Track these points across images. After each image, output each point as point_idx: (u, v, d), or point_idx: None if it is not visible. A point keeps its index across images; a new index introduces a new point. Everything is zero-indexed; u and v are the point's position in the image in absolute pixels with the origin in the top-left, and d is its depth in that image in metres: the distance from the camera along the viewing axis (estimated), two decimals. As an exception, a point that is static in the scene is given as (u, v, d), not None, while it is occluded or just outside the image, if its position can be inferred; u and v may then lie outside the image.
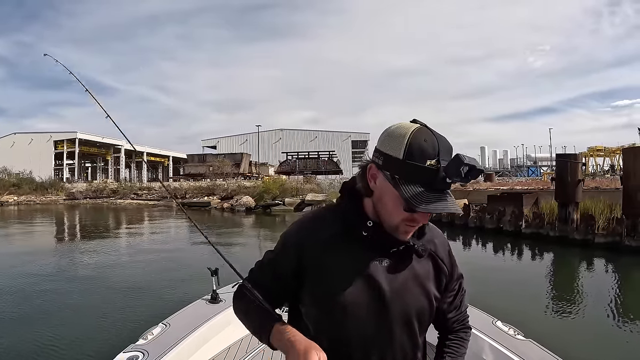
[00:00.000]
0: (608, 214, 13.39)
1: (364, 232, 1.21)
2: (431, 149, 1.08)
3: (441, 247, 1.35)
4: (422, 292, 1.27)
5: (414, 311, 1.25)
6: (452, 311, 1.41)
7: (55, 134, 73.34)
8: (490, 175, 52.55)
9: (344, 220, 1.26)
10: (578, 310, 7.07)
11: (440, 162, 1.07)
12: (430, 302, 1.29)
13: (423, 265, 1.29)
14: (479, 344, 2.63)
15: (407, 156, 1.09)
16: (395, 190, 1.11)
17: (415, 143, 1.09)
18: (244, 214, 29.20)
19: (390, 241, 1.22)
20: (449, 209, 1.09)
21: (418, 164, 1.08)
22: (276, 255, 1.32)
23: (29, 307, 7.12)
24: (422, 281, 1.27)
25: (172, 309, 3.40)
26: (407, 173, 1.09)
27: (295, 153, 67.92)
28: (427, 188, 1.08)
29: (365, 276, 1.21)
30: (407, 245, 1.23)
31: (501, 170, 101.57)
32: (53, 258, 12.57)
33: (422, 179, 1.08)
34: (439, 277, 1.32)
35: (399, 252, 1.24)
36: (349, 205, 1.27)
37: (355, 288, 1.20)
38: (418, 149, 1.08)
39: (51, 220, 27.13)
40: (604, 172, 68.88)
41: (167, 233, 18.78)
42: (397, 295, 1.23)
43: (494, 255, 12.68)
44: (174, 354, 2.56)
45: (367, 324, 1.22)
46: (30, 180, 53.99)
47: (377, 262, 1.22)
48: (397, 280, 1.23)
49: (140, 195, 46.01)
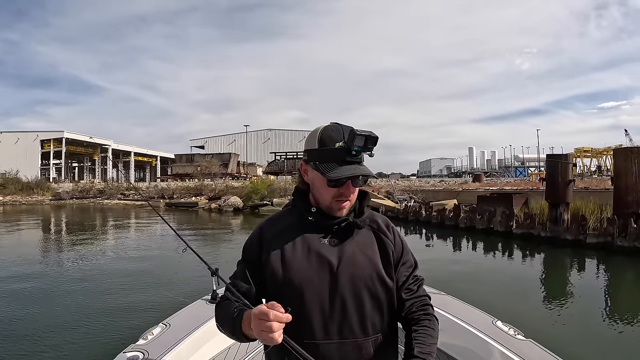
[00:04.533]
0: (598, 214, 13.42)
1: (310, 218, 1.46)
2: (337, 134, 1.38)
3: (383, 224, 1.56)
4: (367, 261, 1.45)
5: (361, 279, 1.42)
6: (408, 294, 1.52)
7: (42, 133, 72.79)
8: (479, 175, 52.86)
9: (295, 213, 1.52)
10: (576, 310, 7.10)
11: (345, 143, 1.35)
12: (379, 272, 1.45)
13: (365, 238, 1.49)
14: (479, 344, 2.63)
15: (320, 144, 1.40)
16: (318, 173, 1.39)
17: (325, 134, 1.40)
18: (232, 215, 28.94)
19: (333, 222, 1.45)
20: (357, 172, 1.36)
21: (329, 147, 1.38)
22: (245, 253, 1.54)
23: (28, 307, 7.02)
24: (367, 252, 1.46)
25: (172, 309, 3.39)
26: (322, 156, 1.39)
27: (284, 153, 67.83)
28: (339, 162, 1.37)
29: (315, 253, 1.42)
30: (347, 222, 1.46)
31: (489, 171, 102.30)
32: (50, 259, 12.39)
33: (335, 157, 1.37)
34: (384, 251, 1.49)
35: (341, 229, 1.46)
36: (298, 200, 1.53)
37: (308, 265, 1.41)
38: (327, 137, 1.39)
39: (41, 221, 26.55)
40: (591, 173, 69.67)
41: (164, 233, 18.51)
42: (345, 265, 1.41)
43: (486, 256, 12.55)
44: (174, 354, 2.55)
45: (322, 296, 1.39)
46: (16, 180, 53.01)
47: (325, 240, 1.45)
48: (344, 253, 1.43)
49: (128, 196, 45.48)
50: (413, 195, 27.12)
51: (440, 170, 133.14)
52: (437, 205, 20.24)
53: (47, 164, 73.51)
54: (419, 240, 15.70)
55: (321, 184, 1.42)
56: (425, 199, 25.60)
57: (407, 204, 23.49)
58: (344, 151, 1.35)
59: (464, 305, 3.21)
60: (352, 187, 1.41)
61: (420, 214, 19.60)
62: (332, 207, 1.44)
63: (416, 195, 27.05)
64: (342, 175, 1.35)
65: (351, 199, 1.45)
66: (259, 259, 1.47)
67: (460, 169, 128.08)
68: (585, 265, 10.63)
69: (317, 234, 1.46)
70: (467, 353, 2.67)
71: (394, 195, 27.16)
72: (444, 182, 45.85)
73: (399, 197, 26.32)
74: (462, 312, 3.04)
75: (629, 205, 11.83)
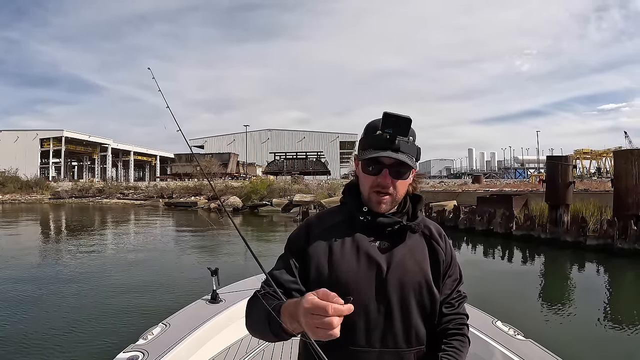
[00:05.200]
0: (598, 216, 13.39)
1: (361, 217, 1.39)
2: (378, 124, 1.33)
3: (435, 231, 1.49)
4: (418, 269, 1.38)
5: (410, 286, 1.35)
6: (449, 309, 1.45)
7: (42, 132, 72.62)
8: (479, 177, 52.79)
9: (345, 211, 1.45)
10: (576, 311, 7.11)
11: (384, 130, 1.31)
12: (427, 281, 1.38)
13: (417, 244, 1.42)
14: (479, 344, 2.58)
15: (364, 134, 1.40)
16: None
17: (371, 123, 1.38)
18: (231, 215, 28.84)
19: (386, 223, 1.39)
20: (386, 155, 1.31)
21: (369, 135, 1.36)
22: (289, 245, 1.46)
23: (28, 307, 7.03)
24: (418, 259, 1.39)
25: (172, 309, 3.37)
26: (363, 145, 1.38)
27: (283, 153, 67.79)
28: (376, 149, 1.33)
29: (365, 255, 1.35)
30: (401, 225, 1.39)
31: (488, 172, 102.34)
32: (49, 258, 12.39)
33: (372, 144, 1.34)
34: (435, 259, 1.42)
35: (394, 232, 1.39)
36: (349, 198, 1.46)
37: (356, 266, 1.34)
38: (370, 128, 1.37)
39: (40, 220, 26.62)
40: (590, 175, 69.69)
41: (164, 233, 18.50)
42: (395, 269, 1.34)
43: (486, 257, 12.56)
44: (174, 354, 2.54)
45: (368, 301, 1.32)
46: (16, 178, 52.80)
47: (376, 243, 1.38)
48: (393, 258, 1.36)
49: (127, 195, 45.43)
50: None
51: (439, 171, 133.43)
52: (436, 206, 20.19)
53: (46, 162, 73.40)
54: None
55: (361, 173, 1.40)
56: (425, 199, 25.45)
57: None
58: (380, 137, 1.31)
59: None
60: (389, 177, 1.34)
61: (419, 214, 19.52)
62: (371, 199, 1.38)
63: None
64: (368, 156, 1.32)
65: (392, 193, 1.37)
66: (304, 253, 1.39)
67: (460, 170, 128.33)
68: (585, 267, 10.61)
69: (369, 236, 1.39)
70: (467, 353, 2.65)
71: (423, 196, 27.07)
72: (443, 183, 45.75)
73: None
74: None
75: (629, 207, 11.82)
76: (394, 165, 1.34)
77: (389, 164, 1.34)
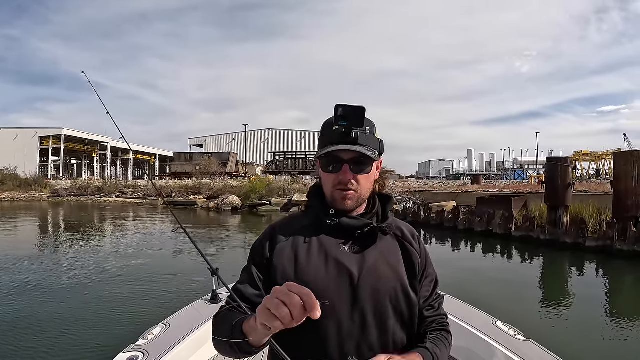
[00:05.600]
0: (598, 218, 13.40)
1: (328, 221, 1.31)
2: (332, 120, 1.26)
3: (408, 232, 1.42)
4: (392, 272, 1.31)
5: (385, 291, 1.28)
6: (430, 312, 1.40)
7: (41, 130, 72.67)
8: (478, 177, 52.84)
9: (311, 214, 1.39)
10: (575, 312, 7.14)
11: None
12: (403, 285, 1.31)
13: (390, 247, 1.35)
14: (479, 344, 2.62)
15: (320, 133, 1.34)
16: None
17: (324, 123, 1.32)
18: (230, 214, 28.89)
19: (355, 226, 1.31)
20: (348, 148, 1.25)
21: (325, 132, 1.31)
22: (253, 255, 1.39)
23: (27, 307, 7.00)
24: (391, 262, 1.32)
25: (172, 309, 3.36)
26: (321, 144, 1.32)
27: (283, 153, 67.92)
28: (332, 143, 1.26)
29: (334, 261, 1.28)
30: (371, 227, 1.31)
31: (488, 173, 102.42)
32: (49, 257, 12.32)
33: (330, 140, 1.27)
34: (410, 261, 1.36)
35: (364, 235, 1.32)
36: (314, 201, 1.40)
37: (325, 273, 1.26)
38: (325, 125, 1.31)
39: (39, 218, 26.58)
40: (590, 177, 69.75)
41: (163, 233, 18.48)
42: (367, 275, 1.26)
43: (486, 257, 12.53)
44: (174, 354, 2.55)
45: (340, 310, 1.23)
46: (15, 176, 52.85)
47: (346, 247, 1.31)
48: (365, 262, 1.28)
49: (126, 194, 45.40)
50: (412, 197, 27.09)
51: (439, 172, 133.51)
52: (436, 207, 20.19)
53: (45, 160, 73.43)
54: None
55: (322, 173, 1.33)
56: (424, 200, 25.54)
57: (406, 205, 23.48)
58: (335, 132, 1.25)
59: (464, 305, 3.19)
60: (351, 173, 1.28)
61: (419, 215, 19.54)
62: (334, 197, 1.31)
63: (415, 197, 27.02)
64: (325, 151, 1.26)
65: (355, 188, 1.30)
66: (269, 263, 1.32)
67: (459, 171, 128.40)
68: (584, 268, 10.60)
69: (336, 239, 1.31)
70: (467, 353, 2.65)
71: (392, 196, 27.07)
72: (442, 184, 45.76)
73: (397, 198, 26.25)
74: (462, 312, 3.02)
75: (629, 209, 11.80)
76: (354, 159, 1.28)
77: (348, 159, 1.28)
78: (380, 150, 1.34)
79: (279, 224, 1.42)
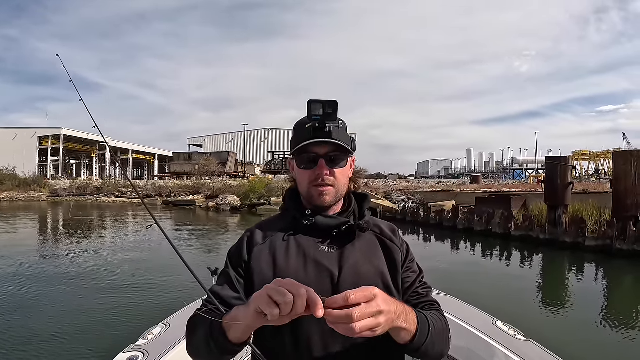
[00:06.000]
0: (597, 217, 13.39)
1: (305, 222, 1.30)
2: (305, 120, 1.28)
3: (387, 229, 1.41)
4: (373, 270, 1.28)
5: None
6: (417, 298, 1.34)
7: (40, 130, 72.56)
8: (477, 177, 52.93)
9: (287, 216, 1.38)
10: (575, 311, 7.13)
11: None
12: (385, 282, 1.28)
13: (369, 244, 1.33)
14: (479, 344, 2.60)
15: (293, 133, 1.35)
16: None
17: (296, 123, 1.34)
18: (230, 214, 28.89)
19: (332, 225, 1.29)
20: (325, 139, 1.25)
21: (298, 131, 1.31)
22: (229, 260, 1.37)
23: (27, 307, 6.99)
24: (371, 259, 1.30)
25: (172, 309, 3.32)
26: (294, 142, 1.33)
27: (282, 153, 67.87)
28: (307, 139, 1.26)
29: (313, 261, 1.26)
30: (349, 225, 1.30)
31: (487, 173, 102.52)
32: (48, 257, 12.29)
33: (303, 137, 1.27)
34: (390, 258, 1.33)
35: (342, 234, 1.30)
36: (290, 203, 1.40)
37: (304, 275, 1.23)
38: (297, 125, 1.33)
39: (39, 218, 26.59)
40: (589, 176, 69.83)
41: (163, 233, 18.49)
42: (347, 274, 1.24)
43: (485, 257, 12.55)
44: (174, 354, 2.50)
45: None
46: (14, 176, 52.71)
47: (324, 247, 1.29)
48: (345, 261, 1.26)
49: (125, 194, 45.36)
50: (411, 196, 27.08)
51: (438, 171, 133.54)
52: (435, 207, 20.19)
53: (44, 160, 73.35)
54: (418, 241, 15.69)
55: (297, 170, 1.34)
56: (424, 200, 25.55)
57: (405, 204, 23.47)
58: (309, 129, 1.25)
59: (464, 305, 3.17)
60: (327, 167, 1.28)
61: (418, 214, 19.55)
62: (311, 194, 1.30)
63: (414, 196, 27.02)
64: (299, 146, 1.27)
65: (332, 182, 1.30)
66: (246, 268, 1.30)
67: (458, 170, 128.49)
68: (584, 268, 10.61)
69: (314, 239, 1.30)
70: (467, 353, 2.63)
71: (392, 195, 27.10)
72: (442, 184, 45.79)
73: (397, 198, 26.27)
74: (462, 311, 3.00)
75: (628, 209, 11.80)
76: (329, 153, 1.28)
77: (323, 154, 1.28)
78: (353, 147, 1.34)
79: (255, 228, 1.39)
